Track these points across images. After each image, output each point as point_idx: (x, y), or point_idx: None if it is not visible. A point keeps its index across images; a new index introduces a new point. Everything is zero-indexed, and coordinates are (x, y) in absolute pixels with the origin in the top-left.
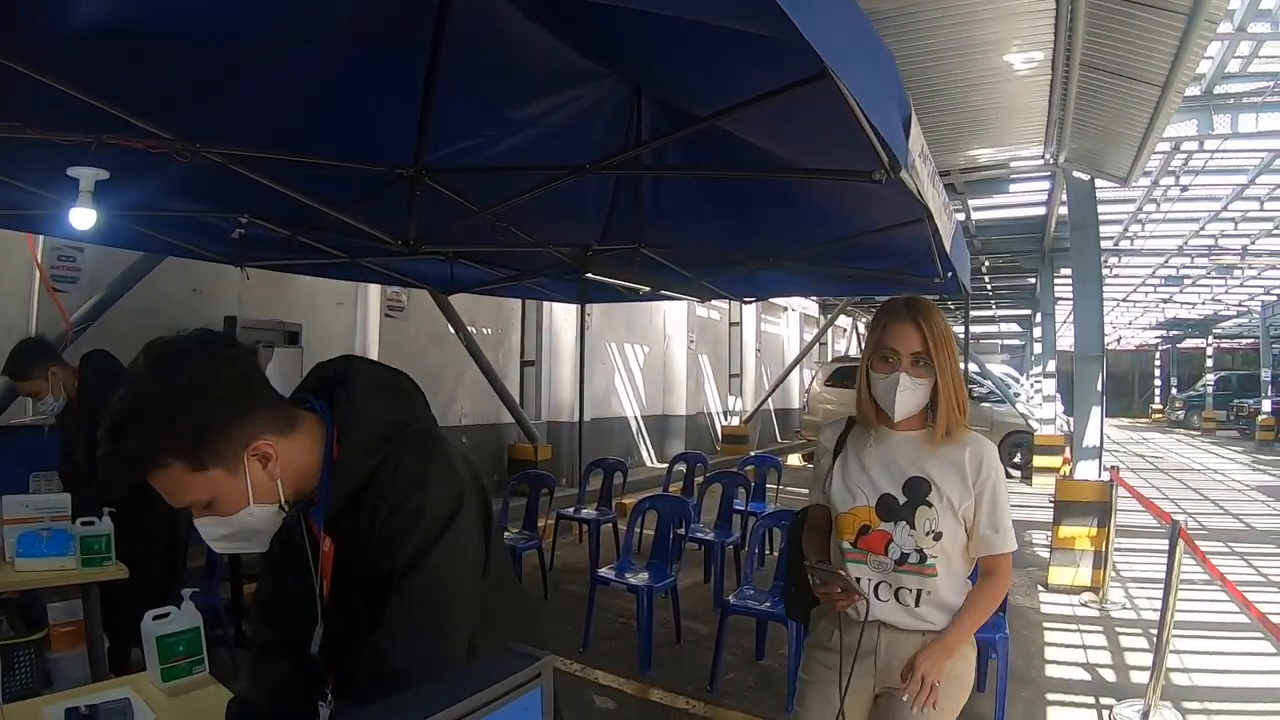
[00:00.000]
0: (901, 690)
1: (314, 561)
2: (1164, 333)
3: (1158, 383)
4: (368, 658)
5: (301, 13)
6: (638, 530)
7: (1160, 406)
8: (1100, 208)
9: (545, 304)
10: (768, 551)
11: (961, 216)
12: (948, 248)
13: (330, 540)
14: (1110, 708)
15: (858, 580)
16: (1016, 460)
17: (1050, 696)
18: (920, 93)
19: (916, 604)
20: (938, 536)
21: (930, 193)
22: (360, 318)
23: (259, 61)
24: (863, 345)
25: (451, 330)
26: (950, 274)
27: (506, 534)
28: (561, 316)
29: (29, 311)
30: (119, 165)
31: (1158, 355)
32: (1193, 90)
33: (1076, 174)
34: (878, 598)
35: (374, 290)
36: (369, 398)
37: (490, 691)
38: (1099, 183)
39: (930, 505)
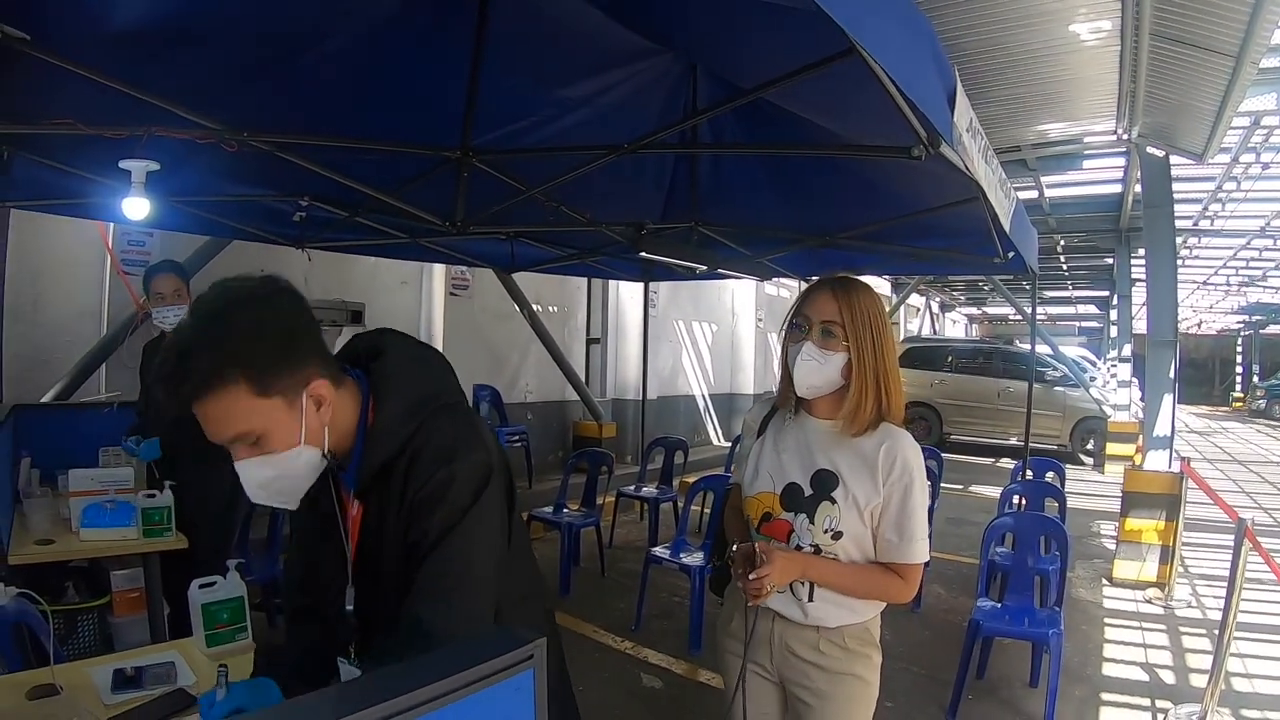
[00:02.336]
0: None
1: (343, 525)
2: (1246, 318)
3: (1239, 370)
4: (402, 621)
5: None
6: (696, 509)
7: (1241, 395)
8: (1177, 185)
9: (611, 282)
10: None
11: (1034, 194)
12: (1007, 226)
13: (359, 505)
14: (1166, 711)
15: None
16: (1089, 447)
17: (1105, 696)
18: (985, 66)
19: (810, 598)
20: (837, 536)
21: (982, 169)
22: (425, 296)
23: (304, 48)
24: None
25: (516, 308)
26: (1012, 253)
27: (565, 511)
28: (627, 294)
29: (101, 295)
30: (174, 153)
31: (1239, 341)
32: (1271, 61)
33: (1150, 150)
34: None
35: (439, 269)
36: (403, 370)
37: (484, 668)
38: (1175, 159)
39: (834, 502)
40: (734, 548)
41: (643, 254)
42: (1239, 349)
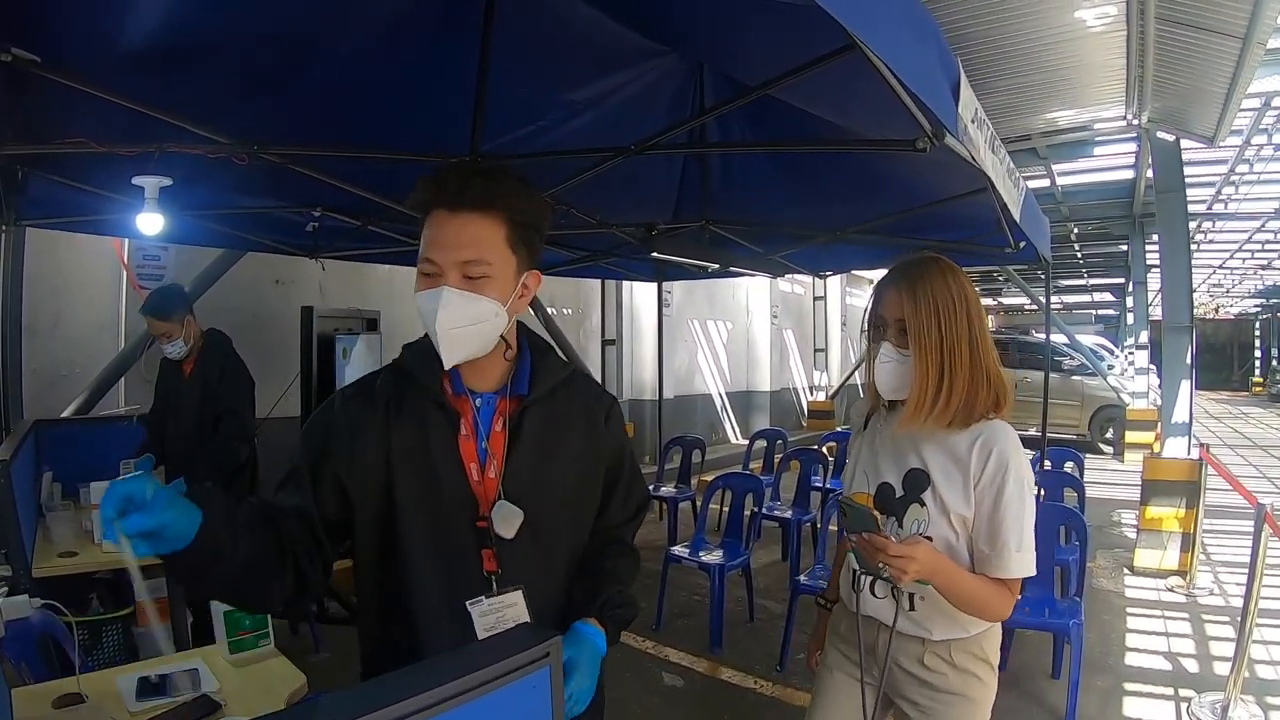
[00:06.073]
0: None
1: (482, 447)
2: (1264, 300)
3: (1258, 353)
4: (614, 538)
5: (351, 10)
6: (715, 508)
7: (1260, 379)
8: (1189, 169)
9: (625, 283)
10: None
11: (1046, 182)
12: (1017, 216)
13: (503, 424)
14: (1190, 700)
15: (854, 573)
16: (1108, 436)
17: (1128, 686)
18: (991, 55)
19: (911, 606)
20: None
21: (989, 160)
22: None
23: (311, 60)
24: None
25: (531, 311)
26: (1024, 243)
27: None
28: (642, 295)
29: (118, 309)
30: (186, 168)
31: (1258, 325)
32: (1279, 42)
33: (1161, 135)
34: (873, 594)
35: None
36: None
37: (502, 666)
38: (1186, 143)
39: (923, 505)
40: (845, 499)
41: (654, 254)
42: (1257, 332)
